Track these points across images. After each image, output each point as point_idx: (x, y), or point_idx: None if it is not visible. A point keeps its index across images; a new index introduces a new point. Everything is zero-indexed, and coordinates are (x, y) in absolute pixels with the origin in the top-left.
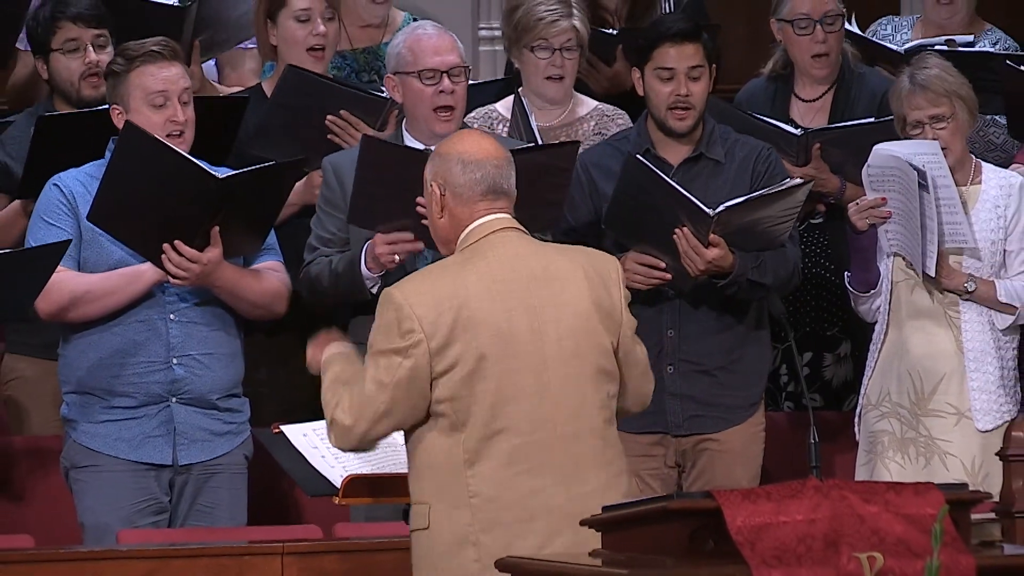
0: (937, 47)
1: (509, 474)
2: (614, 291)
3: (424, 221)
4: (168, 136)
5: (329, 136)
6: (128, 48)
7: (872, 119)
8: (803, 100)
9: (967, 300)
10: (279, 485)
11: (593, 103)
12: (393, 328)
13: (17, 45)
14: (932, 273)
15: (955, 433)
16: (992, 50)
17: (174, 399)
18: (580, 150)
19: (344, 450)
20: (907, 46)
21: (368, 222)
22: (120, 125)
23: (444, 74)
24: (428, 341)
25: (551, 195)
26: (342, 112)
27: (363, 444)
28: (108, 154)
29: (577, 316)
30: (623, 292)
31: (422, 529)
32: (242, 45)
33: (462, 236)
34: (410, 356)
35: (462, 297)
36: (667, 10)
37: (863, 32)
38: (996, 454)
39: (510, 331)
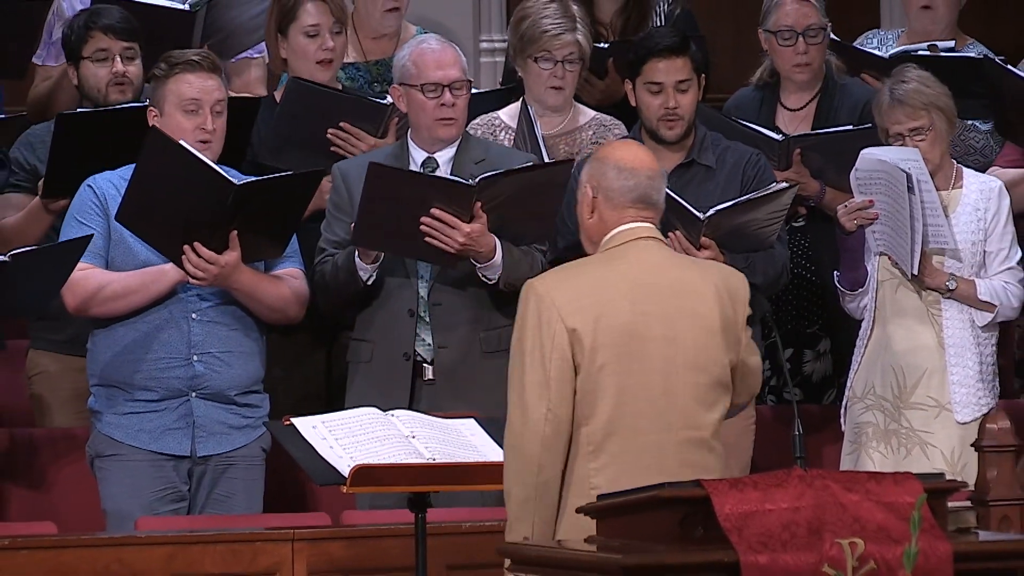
0: (920, 52)
1: (626, 470)
2: (739, 308)
3: (427, 238)
4: (197, 143)
5: (333, 148)
6: (171, 55)
7: (851, 127)
8: (788, 109)
9: (949, 298)
10: (291, 475)
11: (592, 113)
12: (536, 320)
13: (35, 60)
14: (916, 272)
15: (936, 425)
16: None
17: (194, 393)
18: (579, 157)
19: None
20: (891, 52)
21: (372, 243)
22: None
23: (446, 88)
24: (569, 330)
25: (544, 209)
26: (342, 124)
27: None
28: None
29: (706, 330)
30: (746, 309)
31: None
32: (247, 54)
33: (607, 238)
34: (557, 345)
35: (600, 295)
36: (659, 23)
37: (852, 42)
38: (972, 445)
39: (643, 335)
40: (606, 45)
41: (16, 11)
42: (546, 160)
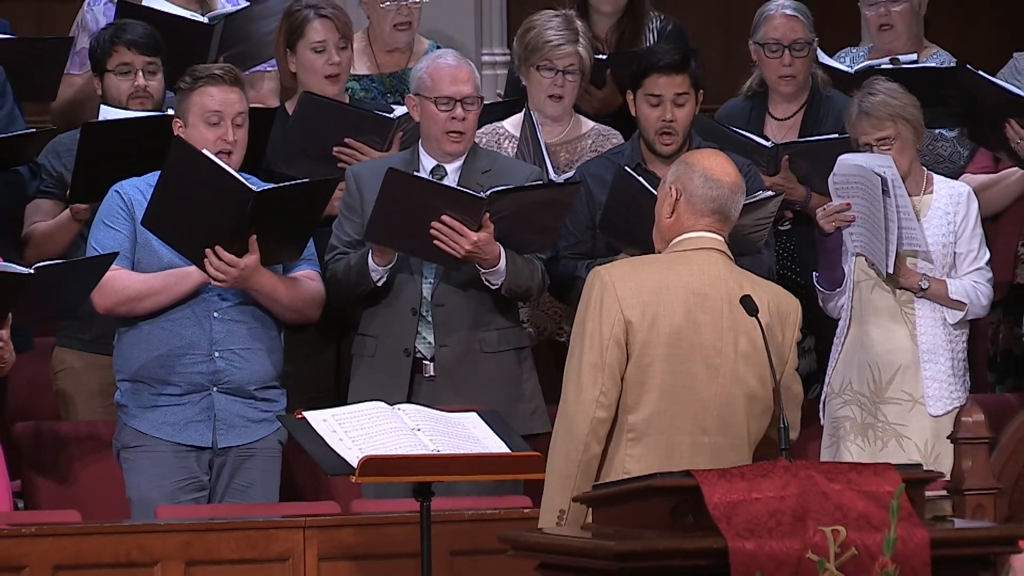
0: (883, 66)
1: (660, 463)
2: (788, 332)
3: (436, 241)
4: (218, 153)
5: (340, 165)
6: (196, 69)
7: (836, 135)
8: (776, 119)
9: (921, 297)
10: (303, 465)
11: (591, 123)
12: (598, 305)
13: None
14: (891, 271)
15: (910, 418)
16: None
17: (215, 388)
18: (579, 164)
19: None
20: (856, 68)
21: (384, 240)
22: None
23: (458, 103)
24: (627, 321)
25: (548, 223)
26: (347, 140)
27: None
28: None
29: (752, 345)
30: (796, 334)
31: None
32: (261, 67)
33: (677, 239)
34: (614, 332)
35: (661, 294)
36: (652, 39)
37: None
38: (947, 437)
39: (692, 341)
40: (605, 56)
41: (49, 45)
42: (549, 167)
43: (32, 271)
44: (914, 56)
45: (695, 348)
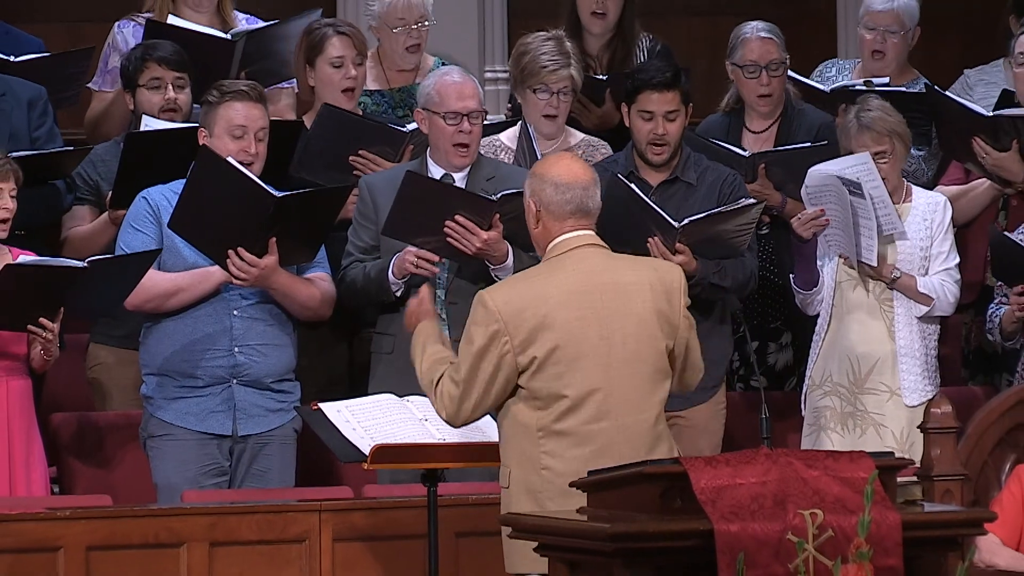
0: (857, 87)
1: (575, 454)
2: (675, 299)
3: (449, 239)
4: (240, 164)
5: (355, 173)
6: (223, 84)
7: (808, 144)
8: (752, 132)
9: (892, 288)
10: (318, 453)
11: (581, 135)
12: (482, 327)
13: (92, 86)
14: (874, 263)
15: (888, 407)
16: (908, 89)
17: (235, 380)
18: None
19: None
20: (832, 87)
21: (399, 235)
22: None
23: (465, 117)
24: (512, 339)
25: None
26: (361, 152)
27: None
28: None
29: (640, 324)
30: (684, 300)
31: (504, 488)
32: (279, 84)
33: (551, 246)
34: (493, 352)
35: (542, 305)
36: (642, 58)
37: (812, 71)
38: (918, 427)
39: (581, 336)
40: (605, 77)
41: (73, 58)
42: None
43: (86, 264)
44: (886, 80)
45: (583, 342)
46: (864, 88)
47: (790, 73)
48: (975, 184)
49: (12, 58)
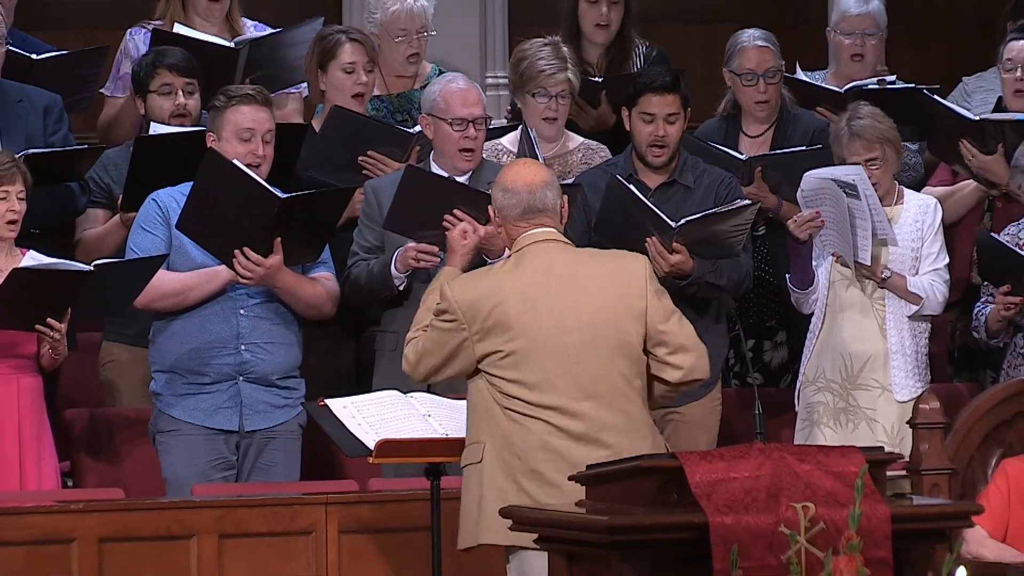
0: (870, 87)
1: (544, 434)
2: (636, 283)
3: (447, 233)
4: (248, 166)
5: (364, 172)
6: (229, 89)
7: (803, 148)
8: (749, 136)
9: (883, 287)
10: (324, 447)
11: (580, 139)
12: (444, 314)
13: (104, 92)
14: (868, 262)
15: (879, 403)
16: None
17: (241, 377)
18: (575, 176)
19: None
20: (847, 87)
21: (400, 229)
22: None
23: (470, 123)
24: (469, 328)
25: None
26: (370, 152)
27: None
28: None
29: (600, 311)
30: (651, 285)
31: (475, 463)
32: (285, 88)
33: (513, 245)
34: (453, 337)
35: (498, 298)
36: (639, 64)
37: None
38: (907, 423)
39: (536, 326)
40: (600, 79)
41: (86, 57)
42: None
43: (92, 268)
44: (894, 77)
45: (541, 333)
46: (877, 88)
47: (799, 76)
48: (961, 186)
49: (34, 56)
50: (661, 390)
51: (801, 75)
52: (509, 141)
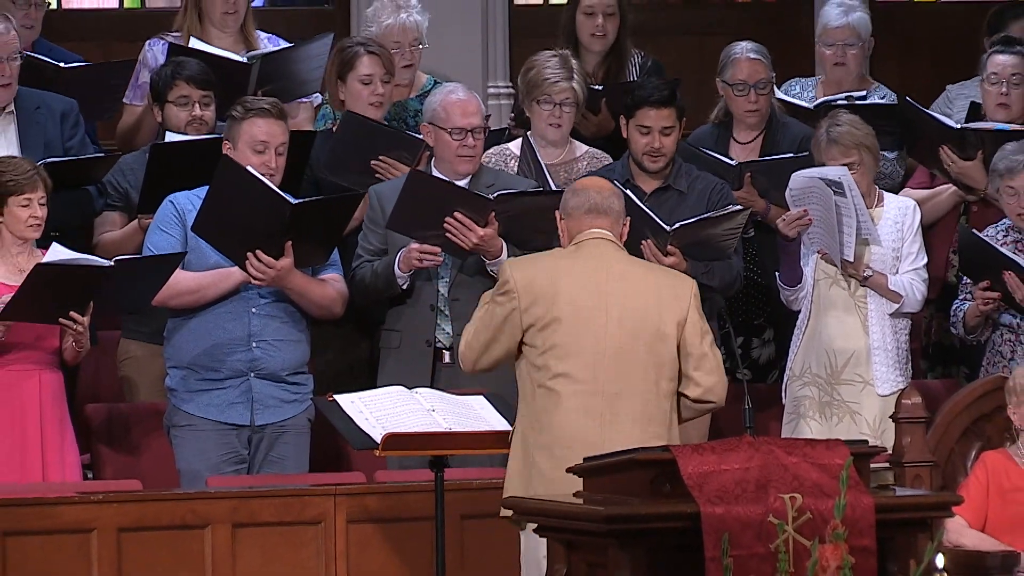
0: (839, 102)
1: (565, 410)
2: (683, 297)
3: (448, 234)
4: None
5: (376, 175)
6: (246, 101)
7: (791, 154)
8: (739, 143)
9: (864, 285)
10: (333, 441)
11: (585, 147)
12: (500, 286)
13: (124, 100)
14: (852, 259)
15: (862, 397)
16: (882, 102)
17: (252, 374)
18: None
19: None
20: (816, 102)
21: (403, 230)
22: None
23: (469, 132)
24: (520, 299)
25: (545, 224)
26: (381, 156)
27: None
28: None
29: (643, 307)
30: (694, 303)
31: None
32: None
33: (573, 240)
34: (505, 308)
35: (553, 275)
36: (635, 72)
37: (777, 87)
38: (890, 417)
39: (581, 304)
40: (601, 87)
41: (113, 69)
42: (549, 181)
43: (112, 263)
44: (864, 93)
45: (584, 310)
46: (846, 103)
47: (778, 94)
48: (939, 189)
49: (62, 64)
50: (682, 405)
51: (779, 93)
52: (516, 146)
